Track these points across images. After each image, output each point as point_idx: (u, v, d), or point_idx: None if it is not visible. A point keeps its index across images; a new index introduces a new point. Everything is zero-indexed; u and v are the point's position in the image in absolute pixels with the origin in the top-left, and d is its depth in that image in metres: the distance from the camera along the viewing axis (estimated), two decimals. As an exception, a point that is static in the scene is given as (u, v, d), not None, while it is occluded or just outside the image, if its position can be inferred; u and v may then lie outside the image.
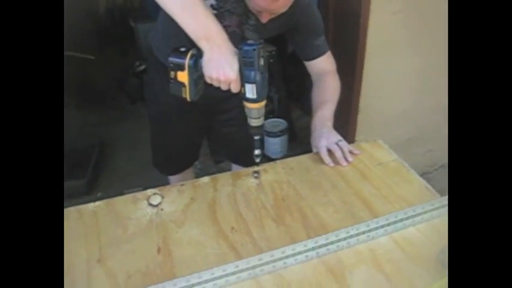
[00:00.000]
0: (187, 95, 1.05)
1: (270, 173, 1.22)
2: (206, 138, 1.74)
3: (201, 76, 1.03)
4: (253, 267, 0.90)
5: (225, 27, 1.02)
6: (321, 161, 1.24)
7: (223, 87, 1.02)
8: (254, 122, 1.08)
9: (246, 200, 1.12)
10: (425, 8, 1.98)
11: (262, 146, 1.15)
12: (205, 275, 0.87)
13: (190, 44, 1.02)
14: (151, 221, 1.06)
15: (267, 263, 0.91)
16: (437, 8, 2.01)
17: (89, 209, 1.11)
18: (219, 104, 1.43)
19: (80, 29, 3.55)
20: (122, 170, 2.68)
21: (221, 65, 0.99)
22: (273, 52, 2.68)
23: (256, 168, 1.20)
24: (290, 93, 2.88)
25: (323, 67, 1.38)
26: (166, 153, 1.60)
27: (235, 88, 1.02)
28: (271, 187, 1.16)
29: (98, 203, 1.13)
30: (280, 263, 0.92)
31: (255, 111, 1.06)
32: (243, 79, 1.01)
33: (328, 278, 0.90)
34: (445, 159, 2.60)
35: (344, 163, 1.23)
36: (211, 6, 1.15)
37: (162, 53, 1.35)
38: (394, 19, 1.94)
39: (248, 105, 1.05)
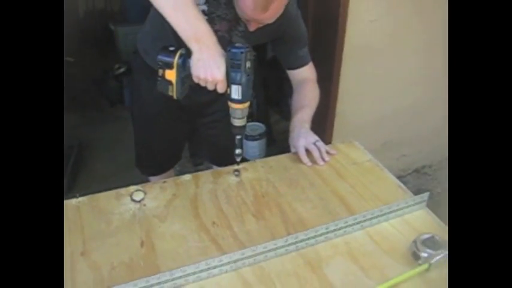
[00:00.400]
0: (173, 93, 1.08)
1: (250, 171, 1.26)
2: (187, 140, 1.77)
3: (188, 75, 1.07)
4: (236, 261, 0.93)
5: (215, 32, 1.06)
6: (299, 160, 1.29)
7: (210, 87, 1.06)
8: (237, 122, 1.12)
9: (226, 197, 1.15)
10: (401, 16, 2.06)
11: (242, 146, 1.19)
12: (189, 269, 0.89)
13: (177, 45, 1.06)
14: (134, 215, 1.09)
15: (249, 257, 0.94)
16: (412, 17, 2.10)
17: (72, 204, 1.13)
18: (204, 106, 1.47)
19: (59, 31, 3.54)
20: (100, 171, 2.67)
21: (209, 65, 1.03)
22: (253, 58, 2.73)
23: (236, 166, 1.24)
24: (269, 98, 2.93)
25: (304, 76, 1.43)
26: (149, 153, 1.62)
27: (221, 88, 1.06)
28: (251, 184, 1.20)
29: (80, 198, 1.15)
30: (261, 257, 0.95)
31: (239, 112, 1.10)
32: (229, 80, 1.05)
33: (306, 269, 0.94)
34: (417, 163, 2.69)
35: (321, 162, 1.28)
36: (203, 11, 1.19)
37: (149, 55, 1.38)
38: (370, 27, 2.01)
39: (233, 105, 1.09)
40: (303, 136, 1.29)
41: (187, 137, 1.68)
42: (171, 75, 1.05)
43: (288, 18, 1.28)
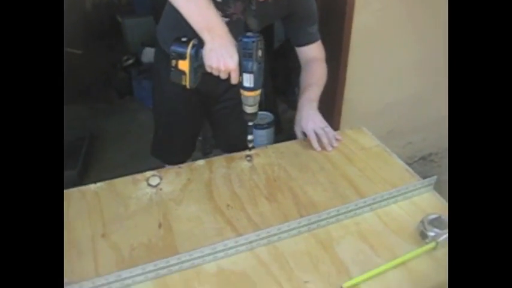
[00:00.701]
0: (186, 82, 1.12)
1: (262, 156, 1.30)
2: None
3: (201, 65, 1.10)
4: (251, 242, 0.97)
5: (231, 15, 1.09)
6: (309, 146, 1.33)
7: (223, 76, 1.09)
8: (249, 109, 1.16)
9: (240, 181, 1.19)
10: (406, 6, 2.08)
11: (254, 132, 1.23)
12: (207, 250, 0.94)
13: (192, 35, 1.09)
14: (151, 199, 1.13)
15: (263, 238, 0.98)
16: (417, 7, 2.12)
17: (90, 189, 1.18)
18: (219, 94, 1.51)
19: (67, 24, 3.57)
20: (111, 161, 2.72)
21: (222, 55, 1.05)
22: (264, 46, 2.76)
23: (248, 152, 1.28)
24: (276, 88, 2.96)
25: (313, 54, 1.44)
26: (168, 140, 1.66)
27: (234, 77, 1.09)
28: (263, 169, 1.24)
29: (99, 184, 1.19)
30: (274, 237, 1.00)
31: (251, 99, 1.13)
32: (242, 69, 1.08)
33: (318, 248, 0.98)
34: (424, 151, 2.72)
35: (329, 148, 1.31)
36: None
37: (168, 45, 1.42)
38: (377, 16, 2.04)
39: (245, 93, 1.12)
40: (311, 119, 1.32)
41: (202, 124, 1.71)
42: (184, 65, 1.09)
43: None
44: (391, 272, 0.93)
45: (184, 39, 1.09)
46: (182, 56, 1.08)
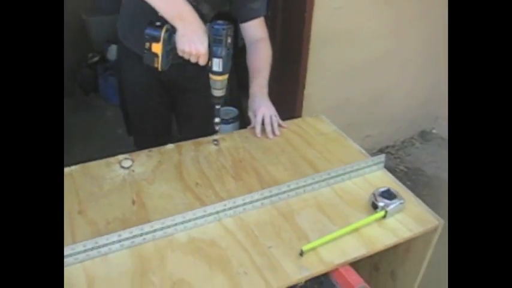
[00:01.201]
0: (158, 64, 1.19)
1: (228, 140, 1.39)
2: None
3: (173, 49, 1.19)
4: (218, 212, 1.06)
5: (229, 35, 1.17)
6: (272, 131, 1.43)
7: (193, 60, 1.18)
8: (217, 93, 1.25)
9: (207, 162, 1.28)
10: (363, 3, 2.22)
11: (220, 115, 1.32)
12: (178, 218, 1.02)
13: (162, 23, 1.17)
14: (124, 180, 1.20)
15: (229, 208, 1.07)
16: (373, 4, 2.26)
17: (65, 171, 1.24)
18: (183, 83, 1.58)
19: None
20: (77, 156, 2.73)
21: (193, 40, 1.14)
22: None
23: (215, 136, 1.36)
24: (241, 84, 3.05)
25: (256, 33, 1.46)
26: (140, 129, 1.74)
27: (203, 61, 1.18)
28: (229, 152, 1.33)
29: (73, 167, 1.26)
30: (240, 209, 1.09)
31: (219, 83, 1.23)
32: (211, 54, 1.17)
33: (280, 219, 1.09)
34: (381, 143, 2.87)
35: (271, 136, 1.40)
36: None
37: (128, 39, 1.49)
38: (335, 14, 2.16)
39: (214, 77, 1.22)
40: (264, 105, 1.41)
41: (170, 110, 1.77)
42: (157, 48, 1.16)
43: None
44: (346, 237, 1.04)
45: (158, 23, 1.16)
46: (156, 39, 1.15)
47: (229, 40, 1.17)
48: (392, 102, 2.77)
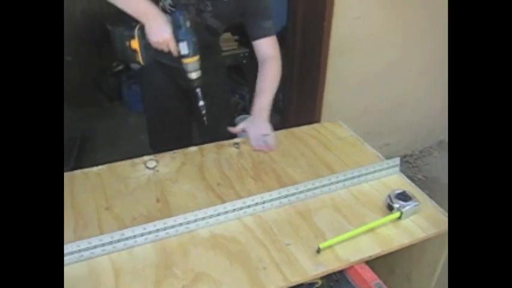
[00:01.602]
0: (139, 59, 1.31)
1: (248, 144, 1.44)
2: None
3: (148, 43, 1.28)
4: (238, 209, 1.11)
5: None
6: (291, 135, 1.49)
7: (165, 48, 1.27)
8: (193, 75, 1.31)
9: (228, 164, 1.33)
10: (382, 14, 2.26)
11: (204, 98, 1.36)
12: (200, 213, 1.07)
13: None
14: (149, 179, 1.26)
15: (249, 206, 1.12)
16: (392, 15, 2.30)
17: (93, 171, 1.30)
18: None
19: (57, 31, 3.68)
20: (101, 162, 2.81)
21: (158, 30, 1.25)
22: (246, 54, 2.91)
23: (236, 140, 1.41)
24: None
25: (266, 51, 1.50)
26: (161, 135, 1.80)
27: (172, 47, 1.27)
28: (250, 154, 1.38)
29: (100, 166, 1.32)
30: (259, 207, 1.13)
31: (191, 65, 1.30)
32: (176, 39, 1.27)
33: (298, 218, 1.12)
34: (399, 152, 2.88)
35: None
36: (169, 5, 1.39)
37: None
38: (355, 23, 2.21)
39: (184, 60, 1.29)
40: (256, 125, 1.44)
41: (190, 116, 1.83)
42: (135, 44, 1.29)
43: None
44: (361, 237, 1.07)
45: (133, 23, 1.30)
46: (132, 36, 1.29)
47: (188, 24, 1.26)
48: (411, 111, 2.79)
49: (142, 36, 1.28)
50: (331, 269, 0.99)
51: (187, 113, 1.80)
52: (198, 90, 1.35)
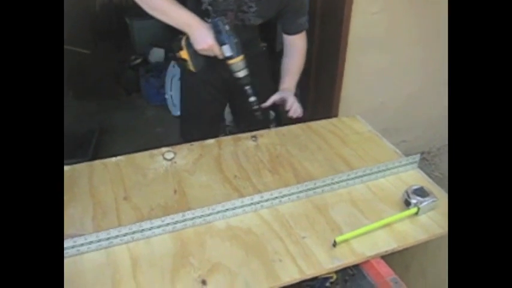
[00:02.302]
0: (191, 67, 1.41)
1: (266, 137, 1.44)
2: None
3: (196, 51, 1.36)
4: (255, 203, 1.11)
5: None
6: (308, 129, 1.48)
7: (211, 54, 1.35)
8: (240, 74, 1.38)
9: (246, 156, 1.34)
10: (400, 9, 2.23)
11: (255, 93, 1.43)
12: (217, 207, 1.08)
13: None
14: (167, 170, 1.27)
15: (266, 200, 1.12)
16: (410, 11, 2.27)
17: (112, 161, 1.32)
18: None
19: (77, 25, 3.74)
20: (120, 153, 2.85)
21: (201, 38, 1.33)
22: (264, 48, 2.91)
23: (254, 133, 1.42)
24: (277, 89, 3.10)
25: (298, 43, 1.62)
26: (194, 122, 1.85)
27: (217, 52, 1.34)
28: (267, 147, 1.38)
29: (119, 157, 1.34)
30: (276, 201, 1.14)
31: (235, 65, 1.36)
32: (219, 43, 1.33)
33: (314, 212, 1.13)
34: (417, 149, 2.85)
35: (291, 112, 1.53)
36: (207, 10, 1.42)
37: None
38: (373, 18, 2.19)
39: (229, 62, 1.36)
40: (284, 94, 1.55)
41: (224, 105, 1.91)
42: (184, 54, 1.39)
43: None
44: (378, 232, 1.07)
45: (180, 36, 1.39)
46: (180, 48, 1.38)
47: (227, 28, 1.32)
48: (428, 108, 2.75)
49: (189, 45, 1.36)
50: (346, 262, 0.99)
51: (221, 103, 1.85)
52: (247, 87, 1.41)
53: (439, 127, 2.91)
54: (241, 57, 1.36)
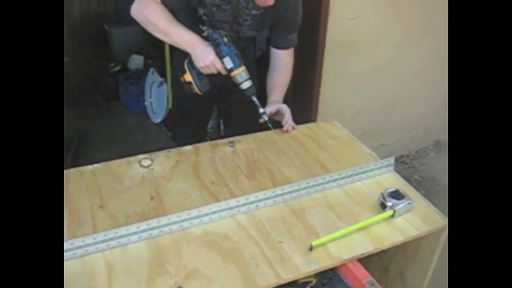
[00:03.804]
0: (196, 89, 1.40)
1: (243, 143, 1.44)
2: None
3: (200, 72, 1.36)
4: (232, 207, 1.11)
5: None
6: (286, 135, 1.49)
7: (214, 70, 1.35)
8: (244, 85, 1.38)
9: (223, 163, 1.34)
10: (377, 15, 2.27)
11: (262, 105, 1.43)
12: (193, 212, 1.07)
13: None
14: (143, 177, 1.26)
15: (243, 204, 1.12)
16: (387, 16, 2.31)
17: (88, 169, 1.31)
18: (230, 86, 1.65)
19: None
20: (99, 161, 2.82)
21: (202, 55, 1.34)
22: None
23: (231, 138, 1.42)
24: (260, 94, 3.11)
25: (286, 58, 1.62)
26: (185, 127, 1.87)
27: (219, 67, 1.34)
28: (244, 153, 1.39)
29: (95, 165, 1.32)
30: (253, 206, 1.14)
31: (239, 77, 1.36)
32: (220, 57, 1.32)
33: (291, 216, 1.13)
34: (396, 152, 2.89)
35: (291, 129, 1.52)
36: (202, 18, 1.43)
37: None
38: (350, 24, 2.21)
39: (232, 74, 1.35)
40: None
41: (211, 112, 1.95)
42: (187, 77, 1.40)
43: (293, 2, 1.49)
44: (354, 235, 1.08)
45: (181, 62, 1.41)
46: (183, 71, 1.40)
47: (225, 39, 1.33)
48: (407, 111, 2.80)
49: (192, 67, 1.38)
50: (323, 266, 1.00)
51: (210, 109, 1.88)
52: (254, 98, 1.41)
53: (417, 130, 2.96)
54: (243, 67, 1.36)
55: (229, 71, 1.35)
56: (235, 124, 1.87)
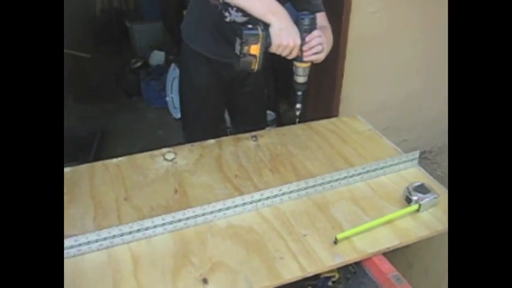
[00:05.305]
0: (256, 65, 1.20)
1: (266, 137, 1.44)
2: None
3: (267, 47, 1.18)
4: (256, 200, 1.11)
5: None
6: (308, 129, 1.48)
7: (285, 53, 1.19)
8: (300, 79, 1.27)
9: (246, 156, 1.34)
10: (399, 8, 2.24)
11: (303, 101, 1.32)
12: (218, 205, 1.08)
13: (225, 34, 1.33)
14: (167, 171, 1.27)
15: (267, 198, 1.12)
16: (410, 9, 2.28)
17: (113, 162, 1.32)
18: (241, 79, 1.65)
19: (78, 29, 3.76)
20: (121, 156, 2.86)
21: (290, 33, 1.16)
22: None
23: (254, 133, 1.42)
24: (278, 89, 3.11)
25: (319, 22, 1.40)
26: (196, 122, 1.78)
27: (296, 52, 1.19)
28: (267, 147, 1.39)
29: (120, 158, 1.34)
30: (277, 199, 1.14)
31: (301, 70, 1.24)
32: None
33: (315, 209, 1.13)
34: (418, 148, 2.84)
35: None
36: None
37: (193, 42, 1.56)
38: (372, 18, 2.19)
39: (298, 64, 1.23)
40: None
41: (224, 107, 1.84)
42: (255, 49, 1.17)
43: None
44: (379, 228, 1.07)
45: (250, 26, 1.18)
46: (256, 40, 1.16)
47: (306, 23, 1.19)
48: (430, 106, 2.75)
49: (265, 39, 1.17)
50: (348, 259, 0.99)
51: (223, 103, 1.79)
52: (300, 93, 1.31)
53: (440, 126, 2.91)
54: (310, 62, 1.24)
55: (297, 60, 1.22)
56: (243, 118, 1.83)
